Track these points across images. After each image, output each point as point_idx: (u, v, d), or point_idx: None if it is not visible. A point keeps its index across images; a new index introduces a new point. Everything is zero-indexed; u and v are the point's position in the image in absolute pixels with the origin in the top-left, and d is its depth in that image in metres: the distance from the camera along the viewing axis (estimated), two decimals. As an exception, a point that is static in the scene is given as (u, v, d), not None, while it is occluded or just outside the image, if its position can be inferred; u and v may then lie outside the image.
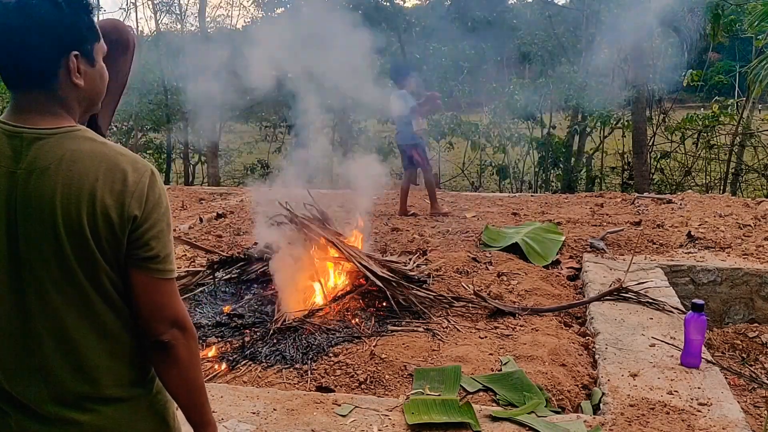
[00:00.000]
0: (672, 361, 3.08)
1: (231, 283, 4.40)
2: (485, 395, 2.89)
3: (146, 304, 1.24)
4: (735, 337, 4.05)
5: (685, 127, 10.92)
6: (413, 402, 2.69)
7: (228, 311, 3.95)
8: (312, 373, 3.13)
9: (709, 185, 10.86)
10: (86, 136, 1.23)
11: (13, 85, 1.22)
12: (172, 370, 1.29)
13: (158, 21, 12.26)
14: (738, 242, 5.03)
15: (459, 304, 3.92)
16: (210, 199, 7.62)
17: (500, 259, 4.81)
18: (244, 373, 3.18)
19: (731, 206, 6.11)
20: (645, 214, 6.27)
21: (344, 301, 3.92)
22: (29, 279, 1.19)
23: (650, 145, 11.12)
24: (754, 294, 4.43)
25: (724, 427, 2.49)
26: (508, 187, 11.92)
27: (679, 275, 4.53)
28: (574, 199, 7.54)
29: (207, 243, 5.36)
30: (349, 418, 2.56)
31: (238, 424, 2.48)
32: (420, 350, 3.31)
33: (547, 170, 11.74)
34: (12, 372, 1.24)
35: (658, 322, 3.57)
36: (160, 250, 1.23)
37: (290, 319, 3.71)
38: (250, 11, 14.88)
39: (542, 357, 3.19)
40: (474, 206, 7.05)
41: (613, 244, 5.23)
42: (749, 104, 10.57)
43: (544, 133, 11.59)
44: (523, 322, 3.70)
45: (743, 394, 3.38)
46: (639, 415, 2.59)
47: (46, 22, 1.19)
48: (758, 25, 7.02)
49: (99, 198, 1.17)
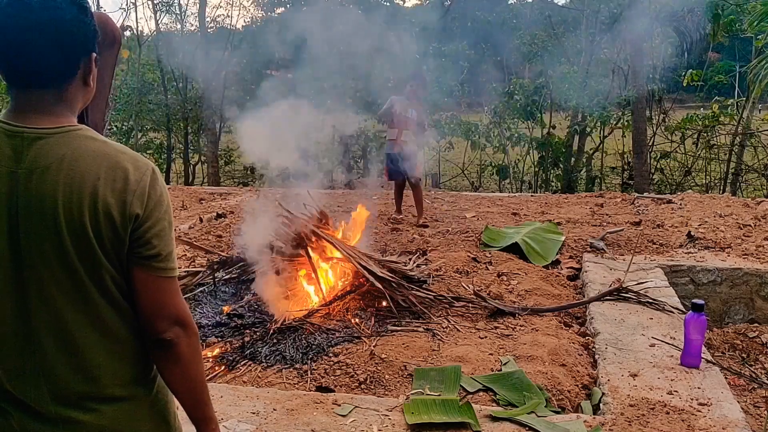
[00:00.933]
0: (672, 361, 3.08)
1: (231, 283, 4.40)
2: (485, 395, 2.88)
3: (148, 302, 1.24)
4: (735, 337, 4.05)
5: (685, 127, 10.92)
6: (413, 402, 2.69)
7: (228, 311, 3.95)
8: (312, 373, 3.13)
9: (709, 185, 10.86)
10: (87, 135, 1.23)
11: (23, 85, 1.21)
12: (174, 368, 1.29)
13: (158, 21, 12.26)
14: (738, 242, 5.03)
15: (459, 304, 3.91)
16: (210, 199, 7.62)
17: (500, 259, 4.81)
18: (244, 373, 3.18)
19: (731, 206, 6.11)
20: (645, 214, 6.27)
21: (344, 301, 3.92)
22: (31, 278, 1.19)
23: (650, 145, 11.13)
24: (754, 294, 4.43)
25: (724, 427, 2.49)
26: (508, 187, 11.92)
27: (679, 275, 4.53)
28: (574, 199, 7.54)
29: (207, 243, 5.36)
30: (349, 418, 2.56)
31: (238, 424, 2.48)
32: (420, 350, 3.31)
33: (547, 170, 11.74)
34: (13, 371, 1.24)
35: (658, 322, 3.57)
36: (162, 249, 1.23)
37: (290, 319, 3.71)
38: (250, 11, 14.88)
39: (542, 357, 3.19)
40: (474, 206, 7.05)
41: (613, 244, 5.23)
42: (749, 104, 10.57)
43: (544, 133, 11.59)
44: (523, 322, 3.70)
45: (743, 394, 3.38)
46: (639, 415, 2.59)
47: (75, 22, 1.19)
48: (758, 25, 7.02)
49: (101, 197, 1.17)
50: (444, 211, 6.83)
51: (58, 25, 1.17)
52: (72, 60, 1.22)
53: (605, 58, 11.84)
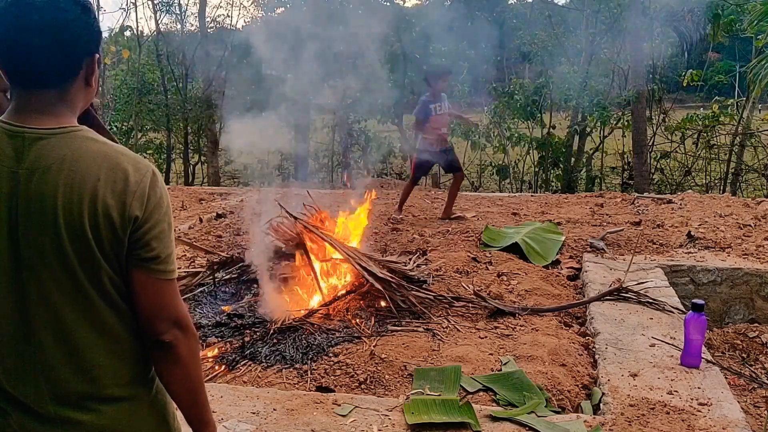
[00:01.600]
0: (672, 361, 3.08)
1: (231, 283, 4.40)
2: (485, 395, 2.89)
3: (147, 304, 1.24)
4: (735, 337, 4.05)
5: (685, 127, 10.92)
6: (413, 402, 2.69)
7: (228, 311, 3.95)
8: (312, 373, 3.13)
9: (709, 185, 10.86)
10: (88, 136, 1.23)
11: (26, 85, 1.21)
12: (173, 369, 1.29)
13: (158, 21, 12.24)
14: (738, 242, 5.03)
15: (459, 304, 3.91)
16: (210, 199, 7.61)
17: (500, 259, 4.81)
18: (244, 373, 3.18)
19: (731, 206, 6.11)
20: (645, 214, 6.27)
21: (344, 301, 3.92)
22: (30, 279, 1.19)
23: (650, 145, 11.13)
24: (754, 294, 4.43)
25: (724, 427, 2.49)
26: (508, 187, 11.92)
27: (679, 275, 4.53)
28: (574, 199, 7.54)
29: (207, 243, 5.36)
30: (349, 418, 2.56)
31: (238, 424, 2.48)
32: (420, 350, 3.31)
33: (547, 170, 11.74)
34: (12, 371, 1.23)
35: (658, 322, 3.57)
36: (161, 251, 1.23)
37: (290, 319, 3.71)
38: (250, 11, 14.87)
39: (542, 357, 3.19)
40: (474, 206, 7.05)
41: (613, 244, 5.23)
42: (749, 104, 10.57)
43: (544, 133, 11.59)
44: (523, 322, 3.70)
45: (743, 394, 3.38)
46: (639, 415, 2.59)
47: (77, 22, 1.19)
48: (758, 24, 7.03)
49: (101, 198, 1.17)
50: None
51: (61, 25, 1.17)
52: (74, 60, 1.22)
53: (605, 58, 11.84)
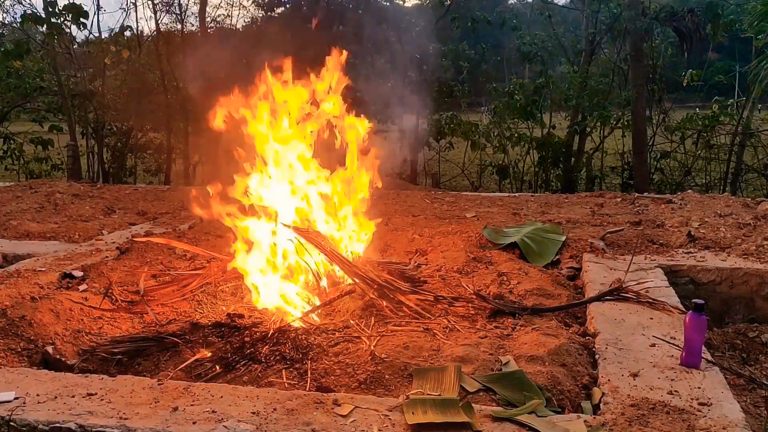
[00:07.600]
0: (672, 361, 3.08)
1: (231, 283, 4.40)
2: (485, 395, 2.88)
3: None
4: (735, 337, 4.05)
5: (685, 127, 10.93)
6: (413, 402, 2.69)
7: (228, 311, 3.95)
8: (312, 373, 3.13)
9: (709, 185, 10.86)
10: None
11: None
12: None
13: (158, 21, 12.24)
14: (738, 242, 5.02)
15: (459, 304, 3.91)
16: (210, 199, 7.60)
17: (500, 259, 4.81)
18: (244, 373, 3.18)
19: (731, 206, 6.11)
20: (645, 214, 6.27)
21: (344, 300, 3.92)
22: None
23: (650, 145, 11.13)
24: (754, 294, 4.43)
25: (725, 427, 2.49)
26: (508, 187, 11.93)
27: (679, 275, 4.53)
28: (574, 199, 7.53)
29: (207, 243, 5.36)
30: (349, 418, 2.56)
31: (238, 424, 2.48)
32: (420, 350, 3.30)
33: (547, 170, 11.75)
34: None
35: (658, 322, 3.57)
36: None
37: (290, 318, 3.72)
38: (250, 11, 14.87)
39: (542, 357, 3.19)
40: (474, 206, 7.05)
41: (613, 244, 5.23)
42: (749, 104, 10.57)
43: (544, 133, 11.59)
44: (523, 322, 3.70)
45: (743, 394, 3.38)
46: (639, 415, 2.59)
47: None
48: (758, 25, 7.03)
49: None
50: (444, 211, 6.82)
51: None
52: None
53: (605, 58, 11.85)
